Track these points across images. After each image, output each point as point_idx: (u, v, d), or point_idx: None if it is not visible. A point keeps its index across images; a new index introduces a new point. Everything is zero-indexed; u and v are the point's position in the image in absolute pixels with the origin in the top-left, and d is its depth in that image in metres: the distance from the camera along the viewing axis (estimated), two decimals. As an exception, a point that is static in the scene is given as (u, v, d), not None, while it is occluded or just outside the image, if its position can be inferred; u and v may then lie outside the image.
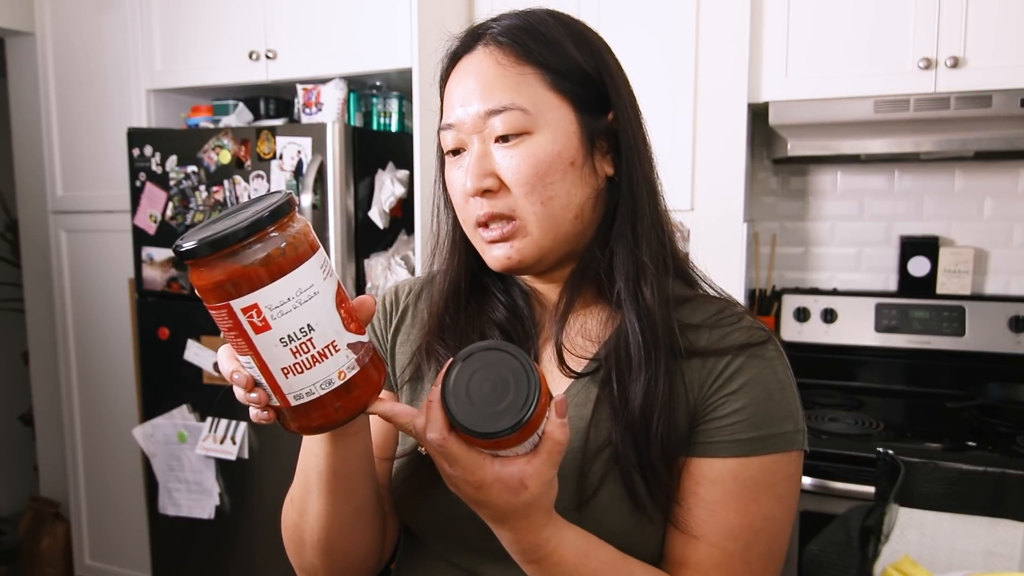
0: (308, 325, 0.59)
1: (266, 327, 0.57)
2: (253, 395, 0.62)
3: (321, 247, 0.61)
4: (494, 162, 0.76)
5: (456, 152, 0.79)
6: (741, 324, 0.78)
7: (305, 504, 0.77)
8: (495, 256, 0.78)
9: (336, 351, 0.60)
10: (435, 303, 0.86)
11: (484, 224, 0.77)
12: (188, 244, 0.56)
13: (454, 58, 0.80)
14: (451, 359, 0.62)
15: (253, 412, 0.64)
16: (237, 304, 0.57)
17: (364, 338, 0.64)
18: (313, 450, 0.73)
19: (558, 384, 0.79)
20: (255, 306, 0.57)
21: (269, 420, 0.64)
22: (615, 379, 0.75)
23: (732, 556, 0.72)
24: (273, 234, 0.57)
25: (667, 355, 0.75)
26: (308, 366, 0.59)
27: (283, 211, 0.58)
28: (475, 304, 0.85)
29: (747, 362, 0.75)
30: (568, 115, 0.76)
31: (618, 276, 0.78)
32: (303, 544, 0.80)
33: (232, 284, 0.56)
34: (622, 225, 0.78)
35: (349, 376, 0.62)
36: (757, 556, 0.73)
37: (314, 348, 0.59)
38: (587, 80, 0.77)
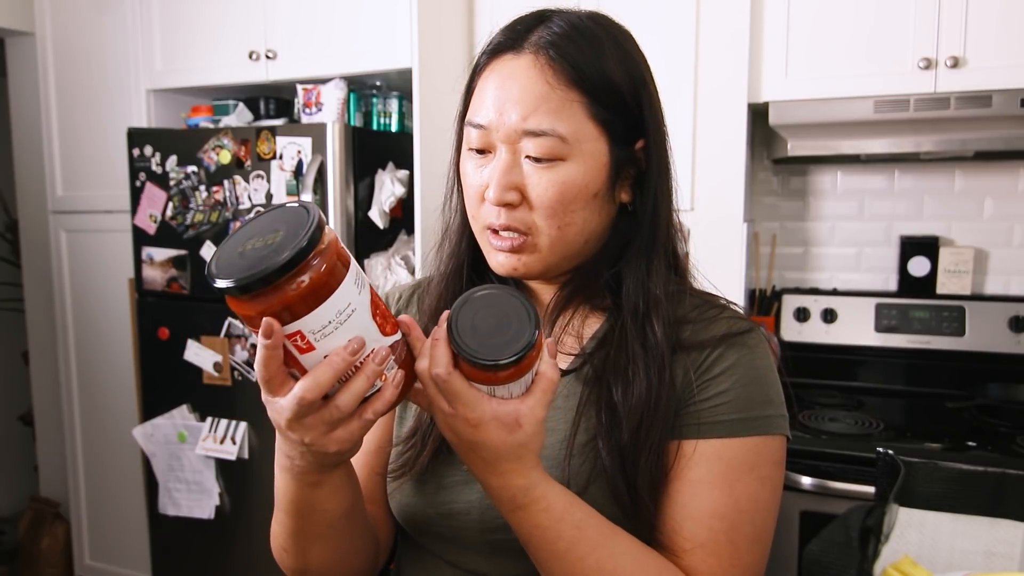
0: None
1: (310, 348, 0.58)
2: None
3: (352, 258, 0.60)
4: (522, 176, 0.75)
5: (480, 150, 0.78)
6: (723, 316, 0.79)
7: (306, 555, 0.77)
8: (500, 263, 0.79)
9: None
10: (434, 288, 0.87)
11: (495, 231, 0.77)
12: (224, 282, 0.55)
13: (496, 52, 0.77)
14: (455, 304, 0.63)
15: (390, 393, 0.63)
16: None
17: (398, 335, 0.64)
18: (311, 507, 0.72)
19: None
20: (299, 332, 0.57)
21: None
22: (603, 382, 0.77)
23: (718, 535, 0.73)
24: (313, 262, 0.56)
25: (659, 367, 0.75)
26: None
27: (316, 238, 0.56)
28: None
29: (727, 351, 0.76)
30: (603, 147, 0.76)
31: (625, 303, 0.78)
32: None
33: (273, 315, 0.56)
34: (637, 258, 0.79)
35: (391, 378, 0.64)
36: (743, 536, 0.74)
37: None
38: (626, 109, 0.77)
